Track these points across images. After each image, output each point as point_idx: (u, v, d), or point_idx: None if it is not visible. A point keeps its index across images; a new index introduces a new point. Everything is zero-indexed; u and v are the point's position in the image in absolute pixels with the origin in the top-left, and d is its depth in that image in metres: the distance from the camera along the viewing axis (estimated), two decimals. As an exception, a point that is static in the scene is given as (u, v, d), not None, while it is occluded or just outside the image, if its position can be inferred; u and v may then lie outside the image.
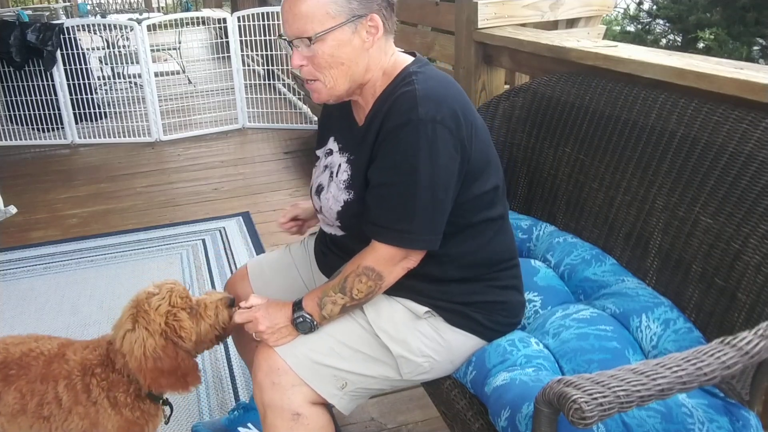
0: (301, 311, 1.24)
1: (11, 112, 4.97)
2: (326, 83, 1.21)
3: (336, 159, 1.34)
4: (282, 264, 1.58)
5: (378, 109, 1.22)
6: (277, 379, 1.22)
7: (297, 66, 1.20)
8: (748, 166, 1.21)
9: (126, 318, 1.32)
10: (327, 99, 1.25)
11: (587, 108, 1.60)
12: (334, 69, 1.19)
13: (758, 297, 1.14)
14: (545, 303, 1.44)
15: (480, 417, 1.22)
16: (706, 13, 6.26)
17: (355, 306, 1.25)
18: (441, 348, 1.29)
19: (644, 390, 0.84)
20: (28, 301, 2.60)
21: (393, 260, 1.20)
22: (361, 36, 1.18)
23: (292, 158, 4.46)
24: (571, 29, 2.53)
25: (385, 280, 1.22)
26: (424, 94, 1.15)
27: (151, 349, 1.28)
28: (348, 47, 1.17)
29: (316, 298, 1.24)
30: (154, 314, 1.30)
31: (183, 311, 1.32)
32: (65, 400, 1.32)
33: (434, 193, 1.15)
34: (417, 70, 1.22)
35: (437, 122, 1.13)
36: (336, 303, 1.23)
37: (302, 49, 1.18)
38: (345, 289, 1.22)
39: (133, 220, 3.45)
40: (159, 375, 1.30)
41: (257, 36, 5.02)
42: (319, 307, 1.24)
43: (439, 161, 1.14)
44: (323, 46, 1.16)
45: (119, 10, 10.35)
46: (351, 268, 1.22)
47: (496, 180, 1.29)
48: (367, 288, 1.21)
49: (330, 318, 1.25)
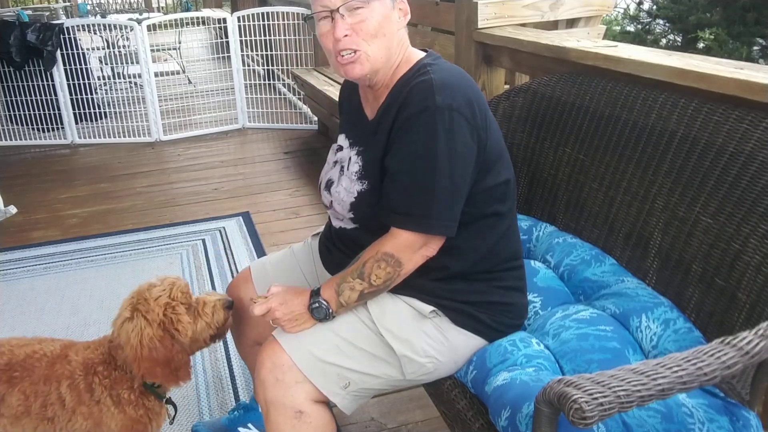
0: (318, 297, 1.25)
1: (11, 112, 4.97)
2: (369, 53, 1.22)
3: (346, 154, 1.35)
4: (286, 265, 1.58)
5: (392, 100, 1.25)
6: (281, 376, 1.22)
7: (341, 36, 1.20)
8: (748, 166, 1.21)
9: (125, 307, 1.34)
10: (366, 72, 1.24)
11: (587, 108, 1.61)
12: (378, 39, 1.22)
13: (758, 297, 1.14)
14: (545, 304, 1.44)
15: (480, 417, 1.22)
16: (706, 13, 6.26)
17: (373, 293, 1.25)
18: (445, 349, 1.29)
19: (644, 390, 0.84)
20: (28, 301, 2.60)
21: (413, 247, 1.21)
22: (396, 15, 1.25)
23: (292, 158, 4.46)
24: (571, 29, 2.53)
25: (404, 267, 1.22)
26: (440, 84, 1.17)
27: (148, 338, 1.29)
28: (389, 21, 1.23)
29: (335, 285, 1.24)
30: (154, 304, 1.31)
31: (182, 305, 1.34)
32: (69, 401, 1.33)
33: (452, 179, 1.17)
34: (431, 62, 1.25)
35: (454, 110, 1.15)
36: (354, 289, 1.23)
37: (347, 19, 1.20)
38: (363, 274, 1.22)
39: (133, 220, 3.45)
40: (154, 365, 1.30)
41: (257, 36, 5.02)
42: (336, 293, 1.24)
43: (457, 148, 1.16)
44: (373, 13, 1.20)
45: (119, 10, 10.34)
46: (370, 254, 1.22)
47: (507, 174, 1.31)
48: (385, 274, 1.21)
49: (347, 305, 1.25)
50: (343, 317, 1.28)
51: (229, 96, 5.23)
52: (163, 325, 1.32)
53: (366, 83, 1.30)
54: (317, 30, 1.26)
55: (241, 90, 5.10)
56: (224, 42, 5.08)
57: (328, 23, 1.22)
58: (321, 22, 1.23)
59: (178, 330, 1.33)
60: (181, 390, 2.02)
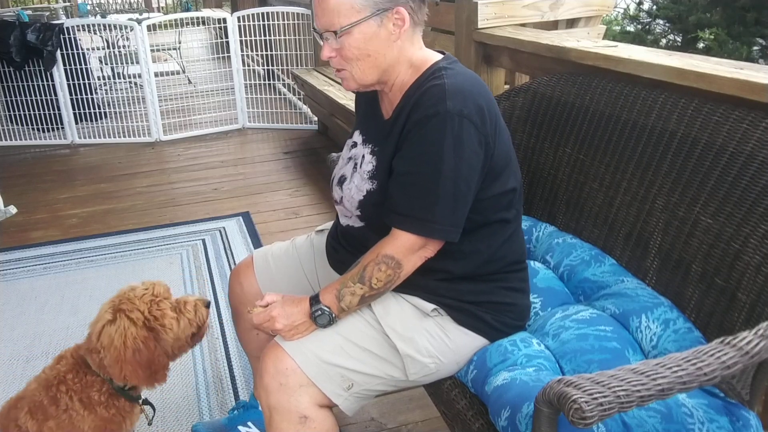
0: (319, 305, 1.24)
1: (11, 112, 4.96)
2: (354, 74, 1.25)
3: (360, 150, 1.36)
4: (287, 260, 1.59)
5: (406, 102, 1.25)
6: (284, 380, 1.22)
7: (327, 57, 1.24)
8: (748, 167, 1.21)
9: (105, 310, 1.34)
10: (356, 88, 1.29)
11: (587, 108, 1.61)
12: (361, 61, 1.23)
13: (758, 297, 1.14)
14: (545, 304, 1.44)
15: (480, 417, 1.22)
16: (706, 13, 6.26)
17: (374, 296, 1.25)
18: (447, 349, 1.29)
19: (644, 390, 0.84)
20: (28, 301, 2.60)
21: (412, 248, 1.21)
22: (388, 29, 1.22)
23: (292, 158, 4.46)
24: (571, 29, 2.53)
25: (403, 268, 1.22)
26: (453, 89, 1.18)
27: (132, 338, 1.30)
28: (374, 40, 1.21)
29: (335, 291, 1.24)
30: (139, 302, 1.33)
31: (166, 301, 1.36)
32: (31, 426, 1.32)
33: (457, 184, 1.17)
34: (446, 66, 1.25)
35: (464, 116, 1.16)
36: (355, 294, 1.23)
37: (331, 42, 1.22)
38: (364, 278, 1.22)
39: (133, 220, 3.45)
40: (136, 367, 1.31)
41: (257, 36, 5.02)
42: (337, 299, 1.24)
43: (464, 155, 1.16)
44: (350, 39, 1.20)
45: (119, 10, 10.34)
46: (370, 258, 1.23)
47: (514, 182, 1.31)
48: (386, 276, 1.21)
49: (349, 310, 1.25)
50: (347, 318, 1.28)
51: (229, 96, 5.23)
52: (148, 325, 1.33)
53: (373, 89, 1.32)
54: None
55: (241, 90, 5.10)
56: (224, 42, 5.08)
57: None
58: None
59: (164, 326, 1.34)
60: (181, 390, 2.03)
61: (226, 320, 2.40)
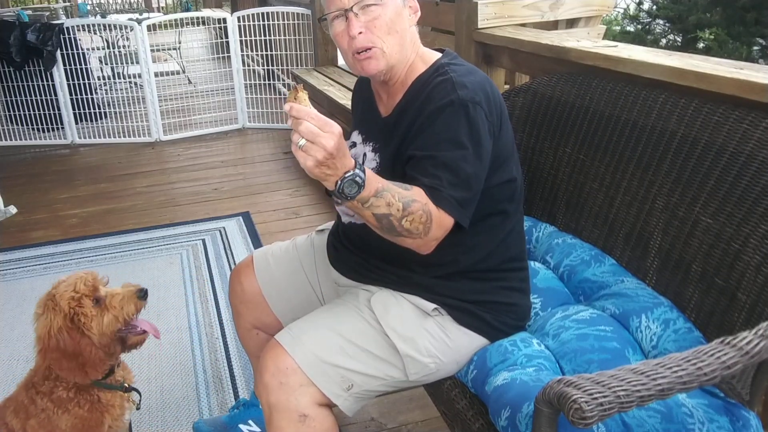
0: (364, 175, 1.07)
1: (11, 112, 4.96)
2: (384, 48, 1.25)
3: (360, 150, 1.37)
4: (287, 258, 1.59)
5: (411, 98, 1.27)
6: (284, 379, 1.21)
7: (356, 33, 1.23)
8: (748, 167, 1.21)
9: (38, 305, 1.38)
10: (382, 68, 1.26)
11: (587, 108, 1.61)
12: (392, 35, 1.25)
13: (758, 297, 1.14)
14: (545, 305, 1.44)
15: (480, 417, 1.22)
16: (706, 13, 6.26)
17: (393, 224, 1.11)
18: (447, 349, 1.29)
19: (644, 390, 0.84)
20: (28, 301, 2.60)
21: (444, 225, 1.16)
22: (407, 12, 1.28)
23: (292, 158, 4.41)
24: (571, 29, 2.53)
25: (429, 235, 1.14)
26: (461, 81, 1.22)
27: (56, 328, 1.32)
28: (401, 18, 1.26)
29: (380, 184, 1.10)
30: (59, 299, 1.35)
31: (87, 298, 1.36)
32: (16, 425, 1.37)
33: (475, 167, 1.18)
34: (450, 62, 1.29)
35: (476, 103, 1.20)
36: (391, 205, 1.09)
37: (361, 17, 1.23)
38: (407, 208, 1.10)
39: (133, 220, 3.45)
40: (60, 356, 1.33)
41: (257, 36, 5.02)
42: (375, 191, 1.09)
43: (479, 140, 1.19)
44: (385, 10, 1.23)
45: (119, 10, 10.34)
46: (423, 200, 1.13)
47: (516, 173, 1.34)
48: (416, 227, 1.12)
49: (369, 207, 1.10)
50: (347, 317, 1.29)
51: (229, 96, 5.23)
52: (71, 318, 1.34)
53: (381, 79, 1.31)
54: (332, 30, 1.27)
55: (241, 90, 5.10)
56: (224, 42, 5.07)
57: (343, 22, 1.24)
58: (335, 22, 1.25)
59: (83, 322, 1.34)
60: (182, 389, 2.03)
61: (226, 320, 2.40)
